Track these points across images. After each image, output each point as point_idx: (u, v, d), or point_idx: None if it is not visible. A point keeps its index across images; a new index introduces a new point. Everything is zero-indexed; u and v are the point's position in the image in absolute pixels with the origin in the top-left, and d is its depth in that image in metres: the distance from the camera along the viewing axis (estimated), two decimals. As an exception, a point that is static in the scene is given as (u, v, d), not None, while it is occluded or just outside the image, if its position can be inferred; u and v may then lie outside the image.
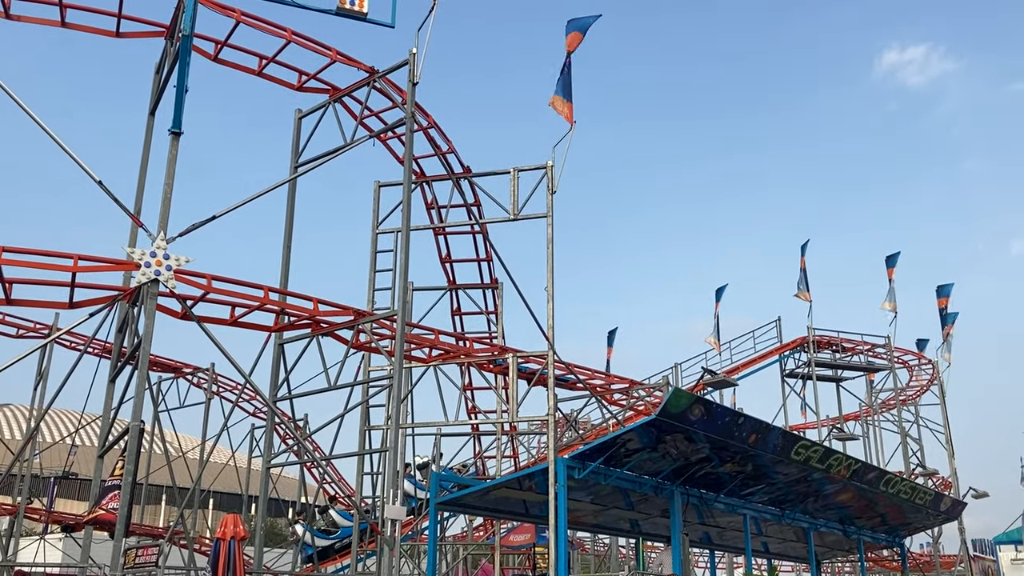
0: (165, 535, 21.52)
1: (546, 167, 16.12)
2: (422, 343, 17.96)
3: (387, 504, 13.94)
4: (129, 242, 13.92)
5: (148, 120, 15.21)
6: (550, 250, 15.69)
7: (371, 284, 18.39)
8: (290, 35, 15.44)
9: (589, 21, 16.00)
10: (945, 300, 34.93)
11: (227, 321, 14.38)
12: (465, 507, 16.95)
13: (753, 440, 14.47)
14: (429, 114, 18.33)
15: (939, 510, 23.46)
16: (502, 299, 20.93)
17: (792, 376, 30.96)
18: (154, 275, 12.23)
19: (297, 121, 17.47)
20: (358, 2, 13.98)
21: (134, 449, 11.85)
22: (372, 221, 18.75)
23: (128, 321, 13.51)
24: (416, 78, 15.43)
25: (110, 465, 14.41)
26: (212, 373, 26.83)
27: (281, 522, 44.07)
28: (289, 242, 16.91)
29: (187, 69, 13.13)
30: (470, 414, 21.24)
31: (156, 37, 14.97)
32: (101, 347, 21.19)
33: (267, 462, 16.77)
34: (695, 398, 13.63)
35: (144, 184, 14.94)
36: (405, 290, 15.19)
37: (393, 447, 14.33)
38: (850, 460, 17.59)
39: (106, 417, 13.81)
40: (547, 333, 15.32)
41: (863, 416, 34.42)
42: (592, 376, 22.40)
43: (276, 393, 16.10)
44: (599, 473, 14.07)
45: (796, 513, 19.52)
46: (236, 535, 10.84)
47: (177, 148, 12.98)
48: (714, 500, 16.65)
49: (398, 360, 14.34)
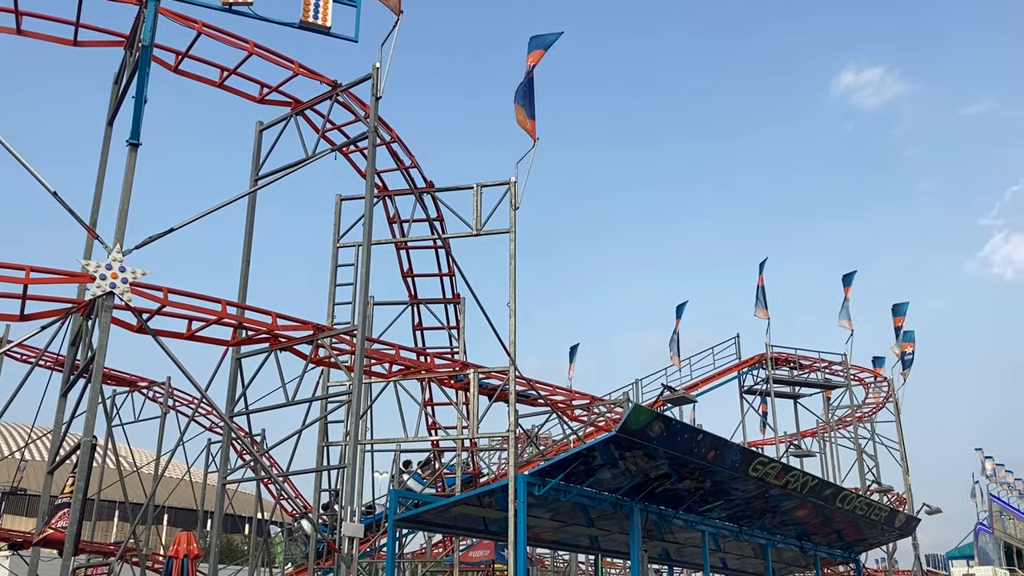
0: (117, 553, 21.08)
1: (509, 183, 16.16)
2: (382, 358, 17.84)
3: (345, 521, 13.79)
4: (84, 254, 13.67)
5: (106, 130, 14.97)
6: (512, 266, 15.70)
7: (331, 298, 18.25)
8: (252, 47, 15.32)
9: (552, 39, 16.12)
10: (901, 319, 35.55)
11: (184, 335, 14.17)
12: (424, 524, 16.86)
13: (712, 456, 14.58)
14: (392, 128, 18.28)
15: (894, 526, 23.79)
16: (464, 314, 20.87)
17: (750, 392, 31.23)
18: (109, 288, 12.01)
19: (258, 134, 17.32)
20: (321, 16, 13.91)
21: (85, 465, 11.60)
22: (333, 235, 18.64)
23: (82, 334, 13.25)
24: (379, 92, 15.39)
25: (60, 481, 14.11)
26: (168, 387, 26.47)
27: (237, 539, 43.46)
28: (248, 255, 16.73)
29: (146, 80, 12.95)
30: (430, 430, 21.11)
31: (115, 47, 14.76)
32: (53, 360, 20.77)
33: (223, 478, 16.51)
34: (655, 414, 13.71)
35: (101, 195, 14.70)
36: (366, 304, 15.09)
37: (352, 463, 14.18)
38: (807, 476, 17.78)
39: (57, 431, 13.50)
40: (509, 349, 15.31)
41: (820, 433, 34.83)
42: (553, 392, 22.39)
43: (233, 408, 15.88)
44: (559, 490, 14.08)
45: (754, 529, 19.67)
46: (189, 553, 10.69)
47: (135, 159, 12.80)
48: (673, 516, 16.73)
49: (357, 375, 14.23)
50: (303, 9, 13.79)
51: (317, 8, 13.85)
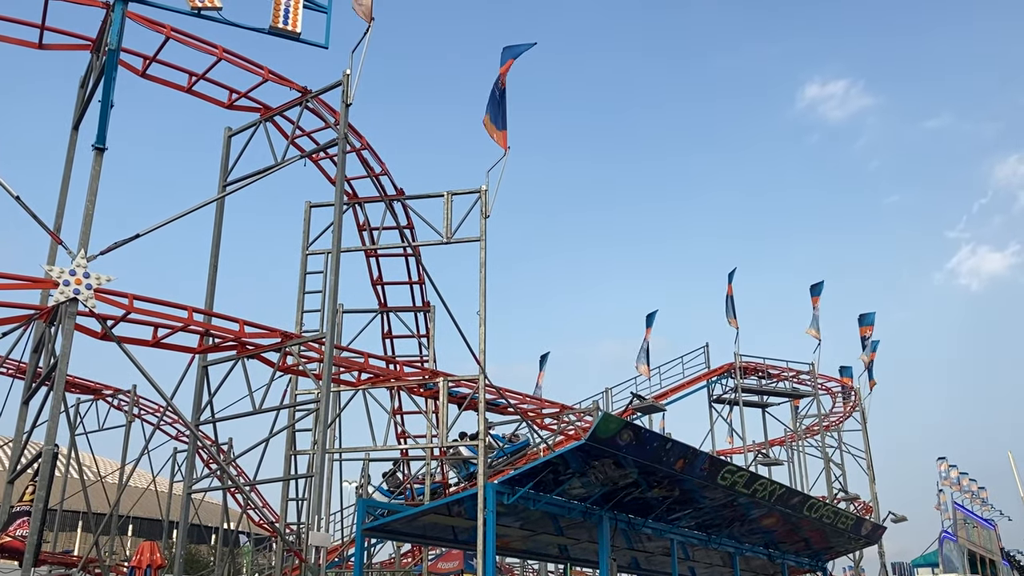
0: (79, 564, 20.75)
1: (480, 191, 16.15)
2: (351, 366, 17.73)
3: (312, 531, 13.67)
4: (48, 259, 13.48)
5: (71, 134, 14.78)
6: (483, 274, 15.69)
7: (300, 306, 18.13)
8: (221, 52, 15.22)
9: (523, 49, 16.15)
10: (867, 328, 35.95)
11: (149, 342, 14.00)
12: (393, 533, 16.73)
13: (681, 465, 14.63)
14: (362, 135, 18.23)
15: (860, 534, 24.01)
16: (434, 323, 20.82)
17: (719, 401, 31.41)
18: (73, 294, 11.84)
19: (227, 139, 17.20)
20: (291, 22, 13.84)
21: (46, 474, 11.40)
22: (302, 242, 18.52)
23: (44, 341, 13.04)
24: (349, 99, 15.34)
25: (20, 490, 13.85)
26: (133, 395, 26.10)
27: (203, 549, 42.89)
28: (216, 262, 16.59)
29: (113, 84, 12.82)
30: (399, 439, 21.00)
31: (81, 50, 14.58)
32: (15, 367, 20.41)
33: (188, 487, 16.32)
34: (624, 423, 13.72)
35: (66, 200, 14.50)
36: (335, 312, 15.00)
37: (320, 472, 14.07)
38: (775, 485, 17.89)
39: (17, 440, 13.26)
40: (478, 357, 15.28)
41: (788, 442, 35.09)
42: (523, 400, 22.39)
43: (199, 416, 15.70)
44: (528, 498, 14.06)
45: (723, 538, 19.76)
46: (153, 563, 10.53)
47: (101, 164, 12.64)
48: (642, 525, 16.76)
49: (325, 383, 14.13)
50: (273, 15, 13.71)
51: (287, 14, 13.78)
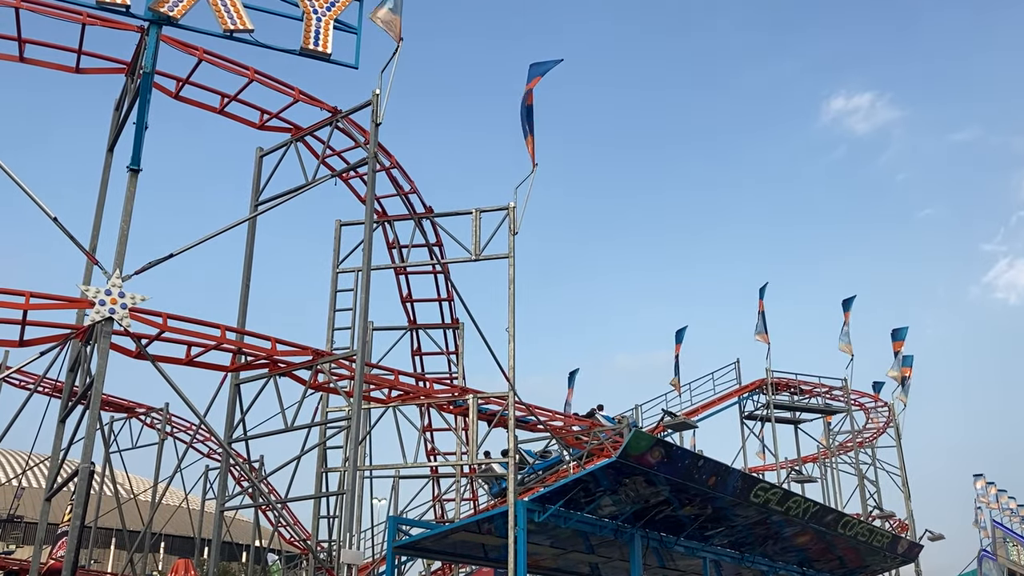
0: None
1: (508, 208, 16.20)
2: (381, 383, 17.80)
3: (343, 548, 13.69)
4: (84, 279, 13.68)
5: (106, 156, 15.03)
6: (511, 291, 15.71)
7: (331, 323, 18.25)
8: (252, 74, 15.42)
9: (550, 65, 16.24)
10: (900, 344, 35.47)
11: (183, 360, 14.15)
12: (423, 551, 16.74)
13: (713, 482, 14.51)
14: (392, 154, 18.36)
15: (896, 552, 23.63)
16: (463, 339, 20.84)
17: (751, 418, 31.09)
18: (108, 313, 12.00)
19: (258, 159, 17.40)
20: (322, 43, 14.01)
21: (83, 491, 11.53)
22: (333, 260, 18.66)
23: (80, 360, 13.23)
24: (379, 118, 15.48)
25: (57, 508, 14.03)
26: (166, 413, 26.38)
27: (235, 566, 43.12)
28: (248, 280, 16.74)
29: (147, 106, 13.04)
30: (429, 456, 21.01)
31: (116, 74, 14.85)
32: (52, 386, 20.71)
33: (221, 505, 16.42)
34: (655, 440, 13.66)
35: (101, 220, 14.74)
36: (365, 330, 15.08)
37: (350, 490, 14.11)
38: (808, 502, 17.69)
39: (55, 458, 13.44)
40: (508, 374, 15.28)
41: (821, 458, 34.65)
42: (553, 417, 22.32)
43: (231, 434, 15.82)
44: (559, 516, 13.99)
45: (756, 556, 19.53)
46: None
47: (135, 185, 12.85)
48: (674, 543, 16.62)
49: (357, 401, 14.19)
50: (304, 36, 13.90)
51: (318, 35, 13.96)
